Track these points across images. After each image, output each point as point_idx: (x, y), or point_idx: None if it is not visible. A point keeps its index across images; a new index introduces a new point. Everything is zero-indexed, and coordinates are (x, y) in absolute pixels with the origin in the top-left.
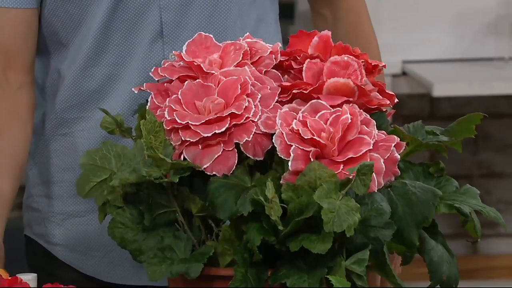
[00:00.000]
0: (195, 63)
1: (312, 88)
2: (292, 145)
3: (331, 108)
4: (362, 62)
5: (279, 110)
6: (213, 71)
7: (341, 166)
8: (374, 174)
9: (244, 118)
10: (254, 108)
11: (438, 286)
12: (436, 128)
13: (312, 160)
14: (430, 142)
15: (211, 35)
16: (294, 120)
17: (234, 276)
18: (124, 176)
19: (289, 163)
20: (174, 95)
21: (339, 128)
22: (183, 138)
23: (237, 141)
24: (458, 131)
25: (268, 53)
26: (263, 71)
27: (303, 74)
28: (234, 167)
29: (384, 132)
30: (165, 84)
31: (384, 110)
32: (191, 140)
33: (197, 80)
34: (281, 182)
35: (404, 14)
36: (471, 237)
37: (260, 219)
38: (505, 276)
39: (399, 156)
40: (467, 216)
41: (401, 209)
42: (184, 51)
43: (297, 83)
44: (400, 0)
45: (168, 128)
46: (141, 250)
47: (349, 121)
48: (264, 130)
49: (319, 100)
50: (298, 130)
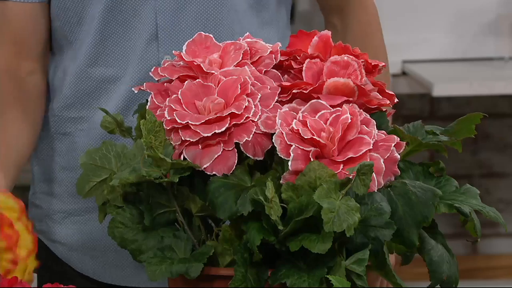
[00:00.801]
0: (195, 63)
1: (312, 88)
2: (292, 145)
3: (331, 108)
4: (362, 62)
5: (279, 110)
6: (213, 71)
7: (341, 166)
8: (374, 174)
9: (244, 118)
10: (254, 108)
11: (438, 286)
12: (436, 128)
13: (312, 160)
14: (430, 142)
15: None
16: (294, 120)
17: (234, 276)
18: (124, 176)
19: (289, 163)
20: (174, 95)
21: (339, 128)
22: (183, 138)
23: (237, 141)
24: (458, 131)
25: (268, 53)
26: (263, 71)
27: (303, 74)
28: (234, 167)
29: (384, 132)
30: (165, 84)
31: (384, 110)
32: (191, 140)
33: (197, 80)
34: (281, 182)
35: (404, 14)
36: (471, 237)
37: (260, 219)
38: (505, 276)
39: (399, 156)
40: (467, 216)
41: (401, 209)
42: (184, 51)
43: (297, 83)
44: (400, 0)
45: (168, 128)
46: (141, 250)
47: (349, 121)
48: (264, 130)
49: (319, 100)
50: (298, 130)
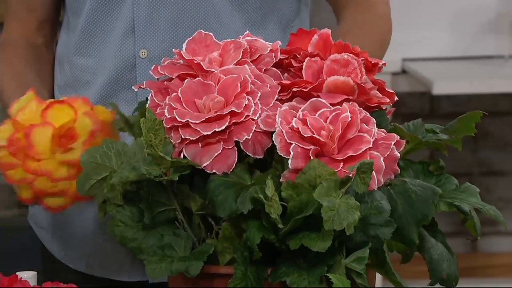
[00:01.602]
0: (195, 61)
1: (312, 86)
2: (292, 143)
3: (331, 106)
4: (362, 60)
5: (279, 108)
6: (213, 69)
7: (341, 164)
8: (374, 172)
9: (244, 116)
10: (254, 106)
11: (438, 284)
12: (436, 126)
13: (312, 158)
14: (430, 140)
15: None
16: (294, 118)
17: (234, 274)
18: (124, 174)
19: (289, 161)
20: (174, 93)
21: (339, 126)
22: (183, 136)
23: (237, 139)
24: (458, 129)
25: (268, 51)
26: (263, 69)
27: (303, 72)
28: (234, 165)
29: (384, 130)
30: (165, 82)
31: (384, 108)
32: (191, 138)
33: (197, 78)
34: (281, 180)
35: (404, 12)
36: (471, 235)
37: (260, 217)
38: (505, 274)
39: (399, 154)
40: (467, 214)
41: (401, 207)
42: (184, 49)
43: (297, 81)
44: None
45: (168, 126)
46: (141, 248)
47: (349, 119)
48: (264, 128)
49: (319, 98)
50: (298, 128)
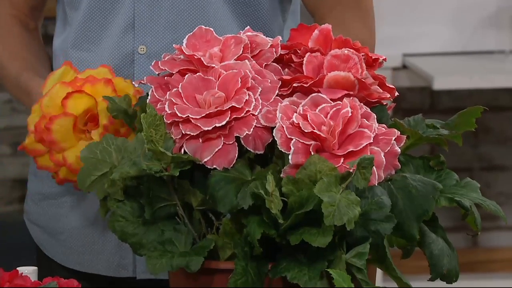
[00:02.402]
0: (196, 57)
1: (313, 82)
2: (293, 139)
3: (332, 102)
4: (363, 56)
5: (280, 104)
6: (214, 65)
7: (342, 160)
8: (375, 168)
9: (245, 112)
10: (255, 102)
11: (439, 279)
12: (437, 121)
13: (313, 154)
14: (431, 136)
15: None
16: (295, 114)
17: (235, 270)
18: (125, 170)
19: (290, 157)
20: (175, 89)
21: (340, 122)
22: (184, 132)
23: (238, 135)
24: (459, 124)
25: (269, 47)
26: (264, 65)
27: (304, 68)
28: (235, 161)
29: (385, 126)
30: (166, 78)
31: (385, 104)
32: (192, 134)
33: (198, 74)
34: (282, 176)
35: (405, 7)
36: (472, 230)
37: (261, 213)
38: (505, 269)
39: (399, 150)
40: (468, 209)
41: (402, 203)
42: (185, 44)
43: (298, 77)
44: None
45: (169, 122)
46: (142, 244)
47: (350, 115)
48: (265, 124)
49: (320, 94)
50: (299, 124)
